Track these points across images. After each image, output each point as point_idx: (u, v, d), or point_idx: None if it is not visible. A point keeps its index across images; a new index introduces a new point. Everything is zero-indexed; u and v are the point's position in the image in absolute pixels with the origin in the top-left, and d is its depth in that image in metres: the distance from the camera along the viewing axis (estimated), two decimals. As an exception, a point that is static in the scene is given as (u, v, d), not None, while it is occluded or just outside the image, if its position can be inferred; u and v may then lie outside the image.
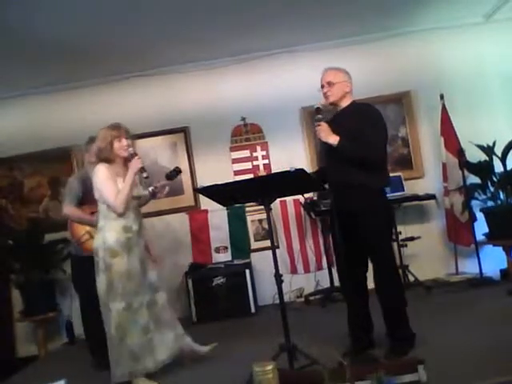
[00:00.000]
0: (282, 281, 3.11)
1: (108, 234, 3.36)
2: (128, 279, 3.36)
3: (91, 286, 3.57)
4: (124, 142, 3.45)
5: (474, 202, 5.10)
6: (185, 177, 5.61)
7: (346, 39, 5.48)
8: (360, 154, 3.17)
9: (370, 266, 3.32)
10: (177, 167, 3.86)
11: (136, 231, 3.46)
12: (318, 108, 3.27)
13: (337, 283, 5.05)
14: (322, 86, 3.35)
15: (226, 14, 4.50)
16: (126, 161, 3.47)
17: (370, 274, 3.32)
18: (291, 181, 3.01)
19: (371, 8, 4.85)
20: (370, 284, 3.33)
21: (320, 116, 3.26)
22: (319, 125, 3.19)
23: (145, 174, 3.41)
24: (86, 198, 3.98)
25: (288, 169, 2.85)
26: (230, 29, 4.84)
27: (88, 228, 3.93)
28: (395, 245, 4.98)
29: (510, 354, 2.87)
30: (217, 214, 5.47)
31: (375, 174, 3.21)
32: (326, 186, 3.39)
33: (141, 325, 3.39)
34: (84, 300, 4.10)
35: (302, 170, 2.91)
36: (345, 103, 3.34)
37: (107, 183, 3.35)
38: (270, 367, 1.86)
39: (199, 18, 4.48)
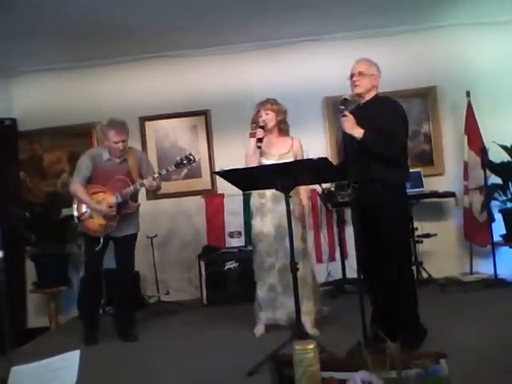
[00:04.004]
0: (298, 269, 3.11)
1: (251, 199, 3.91)
2: (261, 240, 3.84)
3: (94, 265, 4.03)
4: (263, 116, 3.86)
5: (493, 203, 5.06)
6: (203, 160, 5.62)
7: (372, 30, 5.39)
8: (382, 148, 3.16)
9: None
10: (190, 154, 3.96)
11: (270, 197, 3.79)
12: (345, 99, 3.23)
13: (349, 275, 5.06)
14: (352, 76, 3.31)
15: (254, 0, 4.45)
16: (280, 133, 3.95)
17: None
18: (313, 169, 2.99)
19: (400, 0, 4.77)
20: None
21: (342, 107, 3.22)
22: (345, 115, 3.16)
23: (259, 144, 3.73)
24: (96, 177, 4.07)
25: (311, 157, 2.83)
26: (256, 14, 4.79)
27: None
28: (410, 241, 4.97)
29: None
30: (233, 199, 5.45)
31: (395, 169, 3.21)
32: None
33: (268, 283, 3.86)
34: (85, 274, 4.25)
35: (326, 158, 2.89)
36: (369, 96, 3.33)
37: (247, 156, 3.87)
38: (311, 346, 1.84)
39: (226, 2, 4.44)
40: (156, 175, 3.99)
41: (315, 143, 5.47)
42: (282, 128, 3.96)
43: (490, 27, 5.37)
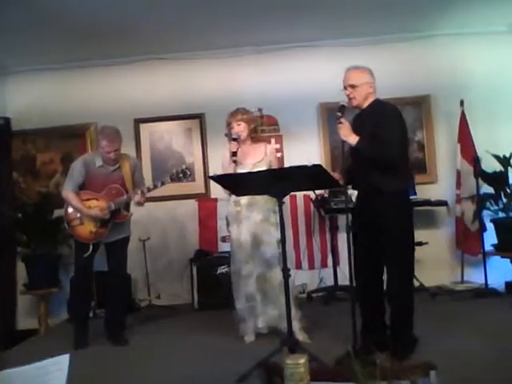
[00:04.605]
0: (290, 275, 3.10)
1: (228, 207, 3.93)
2: (238, 247, 3.83)
3: (83, 268, 4.02)
4: (235, 128, 3.85)
5: (485, 212, 5.08)
6: (197, 164, 5.62)
7: (368, 38, 5.41)
8: (376, 154, 3.13)
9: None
10: (187, 168, 3.94)
11: (245, 205, 3.81)
12: (342, 106, 3.22)
13: (341, 282, 5.06)
14: (345, 88, 3.28)
15: (250, 4, 4.46)
16: (253, 140, 3.94)
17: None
18: (307, 176, 2.99)
19: (396, 9, 4.80)
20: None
21: (339, 114, 3.22)
22: (340, 122, 3.16)
23: (233, 158, 3.76)
24: (89, 183, 4.04)
25: (305, 163, 2.83)
26: (253, 19, 4.80)
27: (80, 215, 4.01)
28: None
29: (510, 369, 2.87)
30: (226, 204, 5.44)
31: (392, 177, 3.16)
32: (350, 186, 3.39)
33: (246, 292, 3.82)
34: (74, 277, 4.32)
35: (319, 165, 2.90)
36: (367, 103, 3.29)
37: (223, 167, 3.85)
38: (302, 360, 1.84)
39: (223, 5, 4.45)
40: (151, 186, 3.98)
41: (310, 149, 5.50)
42: (254, 136, 3.97)
43: (484, 37, 5.41)
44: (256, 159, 3.86)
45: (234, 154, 3.77)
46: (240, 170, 3.75)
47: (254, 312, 3.85)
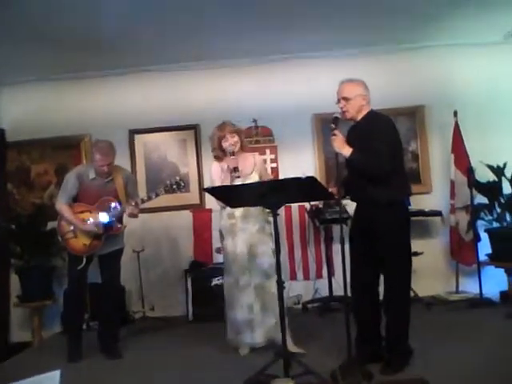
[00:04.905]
0: (284, 288, 3.10)
1: (221, 220, 3.90)
2: (234, 259, 3.80)
3: (77, 280, 4.00)
4: (229, 140, 3.82)
5: (479, 222, 5.09)
6: (192, 175, 5.62)
7: (362, 49, 5.45)
8: (368, 166, 3.13)
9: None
10: (181, 180, 3.94)
11: (239, 217, 3.81)
12: (336, 117, 3.23)
13: (336, 293, 5.05)
14: (338, 100, 3.29)
15: (245, 16, 4.48)
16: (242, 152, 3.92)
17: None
18: (301, 188, 2.99)
19: (391, 20, 4.82)
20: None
21: (333, 126, 3.22)
22: (334, 134, 3.17)
23: (236, 174, 3.72)
24: (82, 195, 4.02)
25: (299, 175, 2.84)
26: (247, 31, 4.82)
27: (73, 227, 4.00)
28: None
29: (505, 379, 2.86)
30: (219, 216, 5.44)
31: (388, 187, 3.16)
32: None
33: (245, 303, 3.77)
34: (68, 290, 4.30)
35: (313, 177, 2.90)
36: (361, 115, 3.29)
37: (213, 181, 3.88)
38: None
39: (218, 17, 4.47)
40: (145, 197, 3.96)
41: (305, 160, 5.51)
42: (242, 147, 3.96)
43: (478, 48, 5.44)
44: (246, 171, 3.85)
45: (236, 169, 3.74)
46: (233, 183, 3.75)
47: (251, 324, 3.78)
